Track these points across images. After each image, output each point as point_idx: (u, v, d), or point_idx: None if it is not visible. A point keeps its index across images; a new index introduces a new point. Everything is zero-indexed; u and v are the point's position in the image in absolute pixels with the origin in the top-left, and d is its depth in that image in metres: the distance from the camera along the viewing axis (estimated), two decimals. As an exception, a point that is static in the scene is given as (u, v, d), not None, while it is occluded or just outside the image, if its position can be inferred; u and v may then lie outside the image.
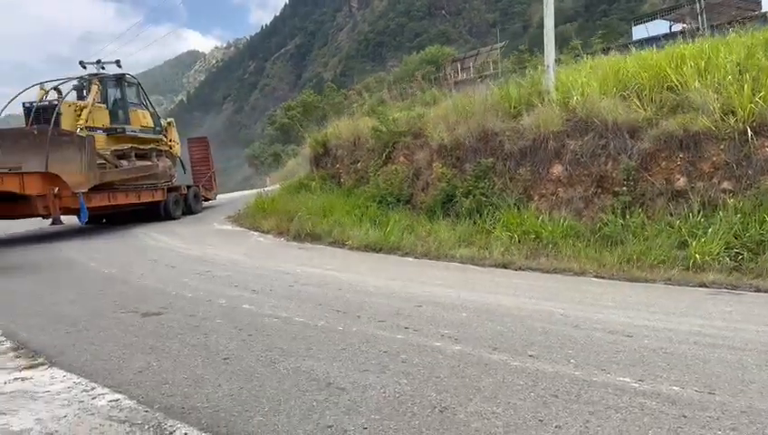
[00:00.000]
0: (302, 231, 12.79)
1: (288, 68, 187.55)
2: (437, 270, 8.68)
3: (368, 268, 8.96)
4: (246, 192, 27.61)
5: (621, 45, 17.29)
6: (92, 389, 4.23)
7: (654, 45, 13.57)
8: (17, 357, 5.19)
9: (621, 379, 3.88)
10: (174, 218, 18.54)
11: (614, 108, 10.02)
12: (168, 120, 21.72)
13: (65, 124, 14.92)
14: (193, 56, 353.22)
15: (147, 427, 3.54)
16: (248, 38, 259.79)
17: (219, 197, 25.66)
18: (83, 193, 14.10)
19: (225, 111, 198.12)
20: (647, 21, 43.39)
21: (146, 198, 17.55)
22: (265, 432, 3.37)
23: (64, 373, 4.61)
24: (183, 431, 3.45)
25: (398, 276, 8.13)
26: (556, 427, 3.23)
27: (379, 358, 4.54)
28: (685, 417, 3.27)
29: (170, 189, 18.99)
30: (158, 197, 18.13)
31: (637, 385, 3.76)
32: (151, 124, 18.95)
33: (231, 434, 3.37)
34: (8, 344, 5.58)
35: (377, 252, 10.54)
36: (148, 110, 19.17)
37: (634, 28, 42.98)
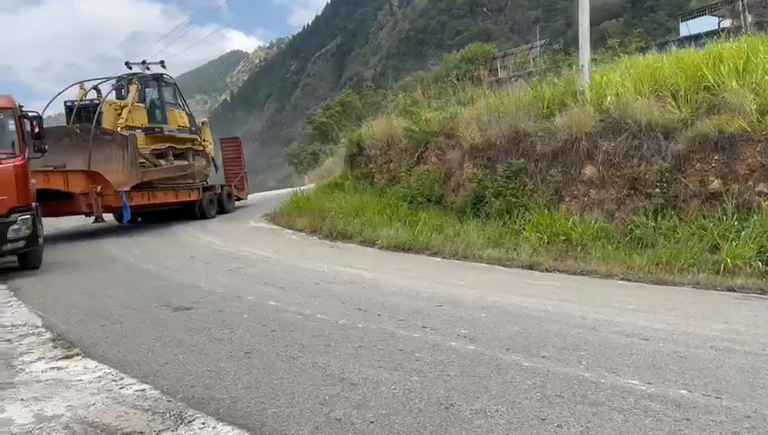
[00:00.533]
0: (333, 230, 13.01)
1: (329, 67, 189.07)
2: (464, 270, 8.74)
3: (395, 268, 9.08)
4: (281, 191, 28.07)
5: (660, 43, 16.92)
6: (121, 379, 4.49)
7: (694, 43, 13.28)
8: (55, 348, 5.50)
9: (629, 381, 3.91)
10: (208, 217, 18.80)
11: (649, 108, 9.88)
12: (203, 120, 22.12)
13: (106, 123, 15.31)
14: (236, 56, 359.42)
15: (168, 415, 3.75)
16: (290, 38, 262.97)
17: (256, 196, 26.09)
18: (126, 191, 14.55)
19: (267, 110, 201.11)
20: (695, 17, 42.25)
21: (183, 197, 17.89)
22: (277, 423, 3.54)
23: (96, 364, 4.89)
24: (201, 420, 3.65)
25: (423, 276, 8.23)
26: (557, 426, 3.30)
27: (394, 356, 4.67)
28: (687, 420, 3.29)
29: (205, 189, 19.31)
30: (194, 196, 18.45)
31: (644, 388, 3.79)
32: (187, 124, 19.30)
33: (246, 424, 3.55)
34: (47, 335, 5.92)
35: (405, 251, 10.66)
36: (184, 110, 19.56)
37: (681, 24, 41.92)
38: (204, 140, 20.91)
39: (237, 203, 22.60)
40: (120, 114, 16.06)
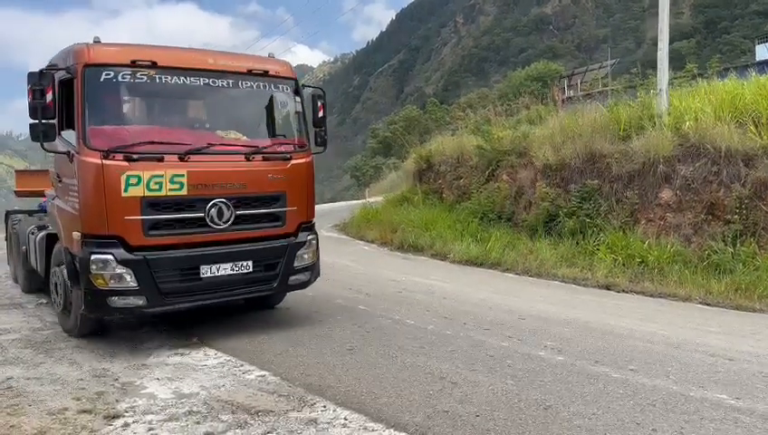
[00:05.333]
0: (405, 242, 13.42)
1: (390, 82, 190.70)
2: (539, 287, 8.98)
3: (470, 281, 9.41)
4: (342, 203, 28.55)
5: (740, 67, 16.65)
6: (241, 365, 5.04)
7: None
8: (172, 337, 6.12)
9: (718, 395, 4.13)
10: None
11: (729, 135, 9.85)
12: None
13: None
14: (301, 70, 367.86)
15: (292, 398, 4.24)
16: (354, 53, 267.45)
17: (319, 207, 26.21)
18: None
19: (328, 123, 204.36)
20: (772, 40, 40.80)
21: None
22: (391, 410, 3.96)
23: (215, 352, 5.47)
24: (322, 404, 4.11)
25: (499, 290, 8.53)
26: (652, 430, 3.58)
27: (486, 361, 5.02)
28: (779, 433, 3.51)
29: None
30: None
31: (733, 402, 4.01)
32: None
33: (363, 409, 3.99)
34: (162, 326, 6.56)
35: (478, 266, 10.94)
36: None
37: (758, 47, 40.61)
38: None
39: None
40: None
